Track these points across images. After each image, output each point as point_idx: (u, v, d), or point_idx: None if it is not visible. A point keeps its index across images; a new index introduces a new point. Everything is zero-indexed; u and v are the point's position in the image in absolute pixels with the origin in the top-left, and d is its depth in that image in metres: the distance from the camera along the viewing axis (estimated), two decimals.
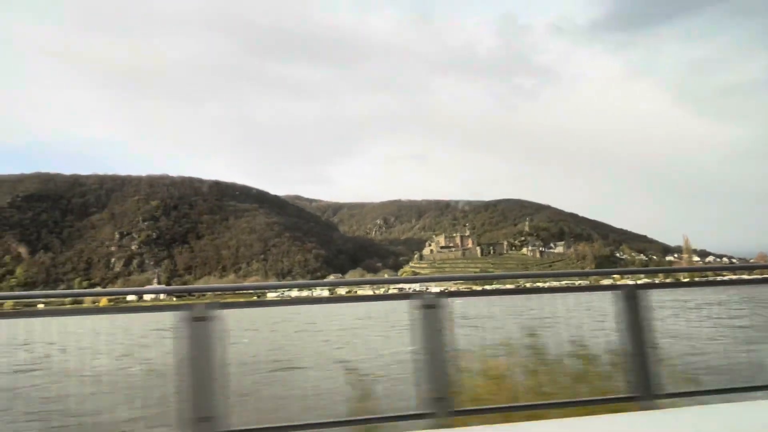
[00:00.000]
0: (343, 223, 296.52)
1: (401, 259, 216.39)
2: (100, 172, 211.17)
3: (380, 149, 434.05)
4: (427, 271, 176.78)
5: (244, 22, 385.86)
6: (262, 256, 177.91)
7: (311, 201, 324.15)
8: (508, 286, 6.81)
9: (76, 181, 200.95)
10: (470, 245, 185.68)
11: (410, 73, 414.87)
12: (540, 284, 10.64)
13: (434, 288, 8.30)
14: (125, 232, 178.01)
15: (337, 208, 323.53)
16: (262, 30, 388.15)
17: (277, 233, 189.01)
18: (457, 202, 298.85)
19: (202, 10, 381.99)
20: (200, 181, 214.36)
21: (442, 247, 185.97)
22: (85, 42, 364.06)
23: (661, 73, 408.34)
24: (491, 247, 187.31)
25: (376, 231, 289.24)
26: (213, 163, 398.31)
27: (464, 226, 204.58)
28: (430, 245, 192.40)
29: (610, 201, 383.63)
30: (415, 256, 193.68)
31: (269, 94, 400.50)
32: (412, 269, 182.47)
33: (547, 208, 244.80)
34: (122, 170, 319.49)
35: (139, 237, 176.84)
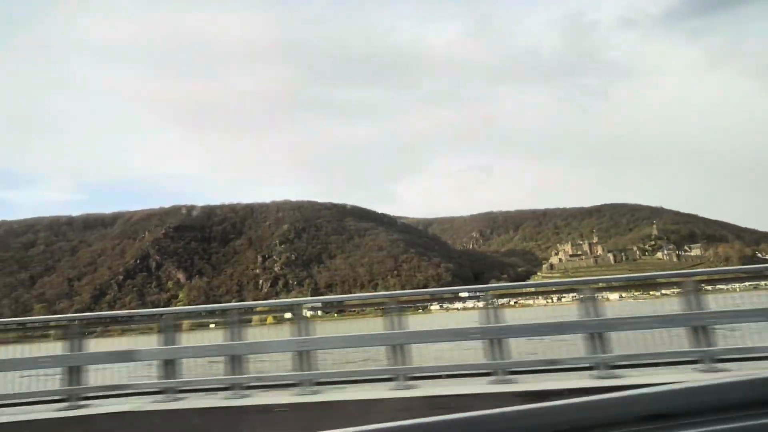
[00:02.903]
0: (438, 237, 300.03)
1: (519, 270, 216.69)
2: (199, 202, 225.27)
3: (444, 163, 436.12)
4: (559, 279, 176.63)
5: (305, 51, 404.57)
6: (395, 272, 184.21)
7: (398, 218, 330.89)
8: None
9: (211, 211, 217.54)
10: (600, 252, 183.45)
11: (471, 85, 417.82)
12: None
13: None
14: (266, 255, 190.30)
15: (427, 223, 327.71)
16: (324, 57, 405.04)
17: (403, 249, 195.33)
18: (552, 210, 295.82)
19: (270, 45, 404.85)
20: (318, 203, 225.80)
21: (571, 255, 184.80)
22: (165, 84, 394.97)
23: (748, 58, 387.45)
24: (623, 254, 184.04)
25: (473, 244, 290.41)
26: (286, 187, 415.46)
27: (591, 232, 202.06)
28: (556, 254, 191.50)
29: (708, 197, 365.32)
30: (544, 265, 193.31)
31: (333, 118, 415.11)
32: (543, 279, 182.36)
33: (662, 210, 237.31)
34: (211, 199, 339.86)
35: (280, 259, 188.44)
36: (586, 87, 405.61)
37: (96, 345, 7.98)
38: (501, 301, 7.29)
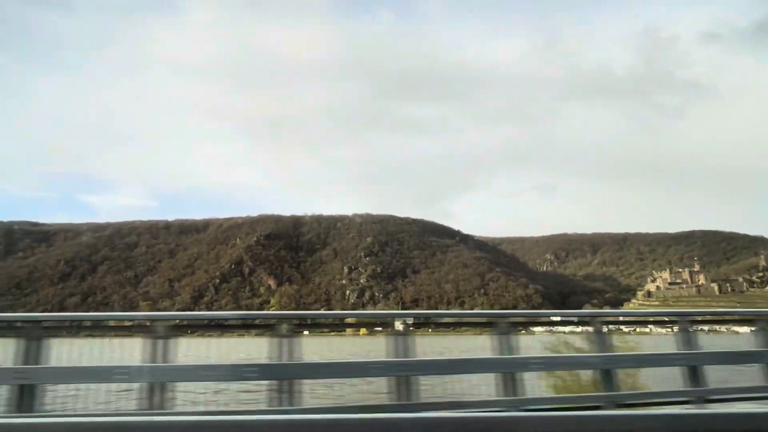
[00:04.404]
0: None
1: (607, 295, 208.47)
2: (253, 213, 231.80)
3: (504, 181, 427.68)
4: (659, 309, 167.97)
5: (370, 67, 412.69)
6: (482, 291, 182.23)
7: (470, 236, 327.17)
8: None
9: (297, 221, 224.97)
10: (702, 281, 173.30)
11: (535, 102, 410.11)
12: None
13: None
14: (352, 267, 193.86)
15: (496, 243, 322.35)
16: (388, 74, 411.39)
17: (488, 268, 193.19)
18: (633, 234, 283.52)
19: (332, 59, 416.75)
20: (399, 218, 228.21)
21: (670, 284, 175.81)
22: (234, 98, 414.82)
23: None
24: (728, 284, 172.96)
25: (547, 266, 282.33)
26: (348, 200, 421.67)
27: (693, 259, 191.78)
28: (653, 281, 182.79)
29: None
30: (640, 292, 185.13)
31: (394, 134, 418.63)
32: (640, 306, 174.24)
33: (764, 240, 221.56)
34: (266, 210, 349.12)
35: (365, 271, 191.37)
36: (662, 106, 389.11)
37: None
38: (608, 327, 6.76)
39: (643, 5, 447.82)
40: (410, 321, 6.30)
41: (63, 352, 5.70)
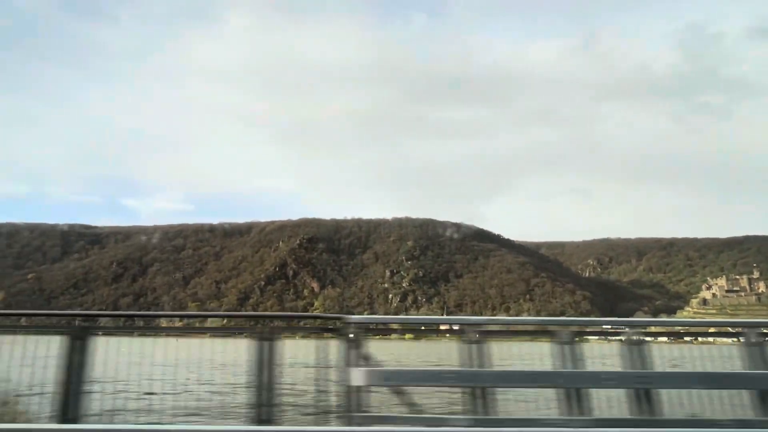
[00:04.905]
0: None
1: (657, 303, 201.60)
2: (288, 217, 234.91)
3: (539, 184, 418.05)
4: (717, 318, 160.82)
5: (402, 71, 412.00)
6: (528, 296, 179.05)
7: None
8: None
9: (338, 225, 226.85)
10: (763, 289, 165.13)
11: (571, 104, 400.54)
12: None
13: None
14: (394, 271, 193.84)
15: (535, 246, 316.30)
16: (419, 76, 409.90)
17: (533, 273, 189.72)
18: (680, 239, 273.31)
19: (364, 63, 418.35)
20: (439, 221, 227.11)
21: (727, 291, 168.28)
22: (267, 104, 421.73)
23: None
24: None
25: (589, 271, 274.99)
26: (371, 205, 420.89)
27: (753, 266, 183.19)
28: (708, 288, 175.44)
29: None
30: (693, 300, 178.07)
31: (426, 137, 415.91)
32: (696, 315, 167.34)
33: None
34: (295, 214, 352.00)
35: (407, 275, 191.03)
36: (707, 105, 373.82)
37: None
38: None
39: (685, 1, 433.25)
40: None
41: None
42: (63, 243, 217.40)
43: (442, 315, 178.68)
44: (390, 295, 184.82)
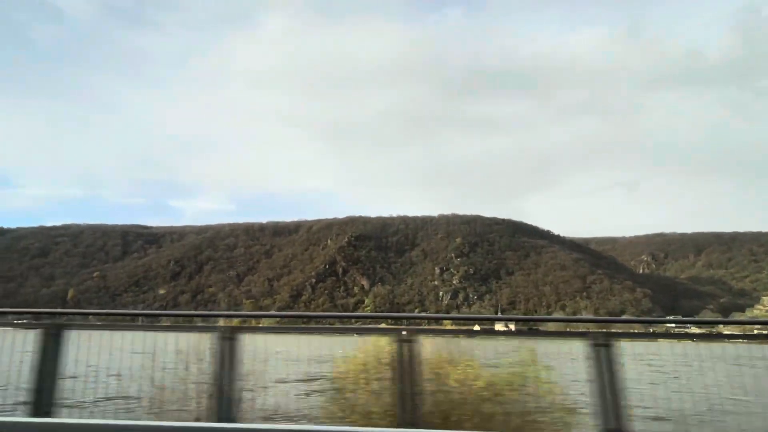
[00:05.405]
0: None
1: (722, 300, 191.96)
2: (325, 216, 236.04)
3: (582, 178, 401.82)
4: None
5: (440, 66, 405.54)
6: (585, 294, 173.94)
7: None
8: None
9: (384, 222, 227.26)
10: None
11: (617, 94, 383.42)
12: None
13: None
14: (444, 268, 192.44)
15: (583, 242, 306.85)
16: (458, 72, 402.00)
17: (589, 270, 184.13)
18: (743, 234, 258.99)
19: (401, 61, 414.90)
20: (487, 218, 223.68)
21: None
22: (306, 104, 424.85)
23: None
24: None
25: (643, 267, 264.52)
26: (411, 203, 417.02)
27: None
28: None
29: None
30: (765, 297, 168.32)
31: (465, 133, 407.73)
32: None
33: None
34: (335, 213, 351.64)
35: (457, 273, 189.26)
36: (765, 91, 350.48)
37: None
38: None
39: None
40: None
41: None
42: (123, 243, 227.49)
43: (496, 313, 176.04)
44: (440, 293, 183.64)
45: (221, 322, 5.61)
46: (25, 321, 6.50)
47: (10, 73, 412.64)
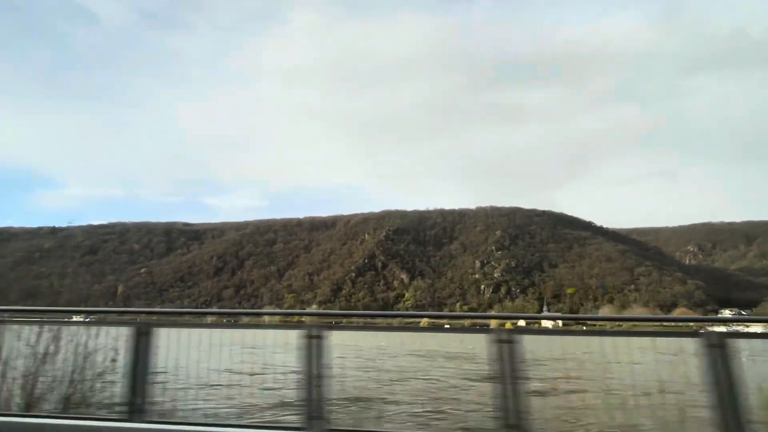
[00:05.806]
0: None
1: None
2: (356, 210, 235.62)
3: (618, 167, 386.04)
4: None
5: (469, 57, 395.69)
6: (633, 286, 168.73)
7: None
8: None
9: (421, 216, 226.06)
10: None
11: (653, 79, 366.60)
12: None
13: None
14: (484, 261, 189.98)
15: (626, 234, 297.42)
16: (487, 62, 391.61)
17: (636, 262, 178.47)
18: None
19: (430, 53, 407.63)
20: (526, 210, 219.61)
21: None
22: (334, 100, 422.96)
23: None
24: None
25: (689, 258, 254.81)
26: (446, 195, 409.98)
27: None
28: None
29: None
30: None
31: (497, 123, 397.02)
32: None
33: None
34: (369, 207, 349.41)
35: (498, 266, 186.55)
36: None
37: None
38: None
39: None
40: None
41: None
42: (167, 240, 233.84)
43: (541, 307, 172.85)
44: (482, 286, 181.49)
45: (306, 320, 5.59)
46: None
47: (51, 77, 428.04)
